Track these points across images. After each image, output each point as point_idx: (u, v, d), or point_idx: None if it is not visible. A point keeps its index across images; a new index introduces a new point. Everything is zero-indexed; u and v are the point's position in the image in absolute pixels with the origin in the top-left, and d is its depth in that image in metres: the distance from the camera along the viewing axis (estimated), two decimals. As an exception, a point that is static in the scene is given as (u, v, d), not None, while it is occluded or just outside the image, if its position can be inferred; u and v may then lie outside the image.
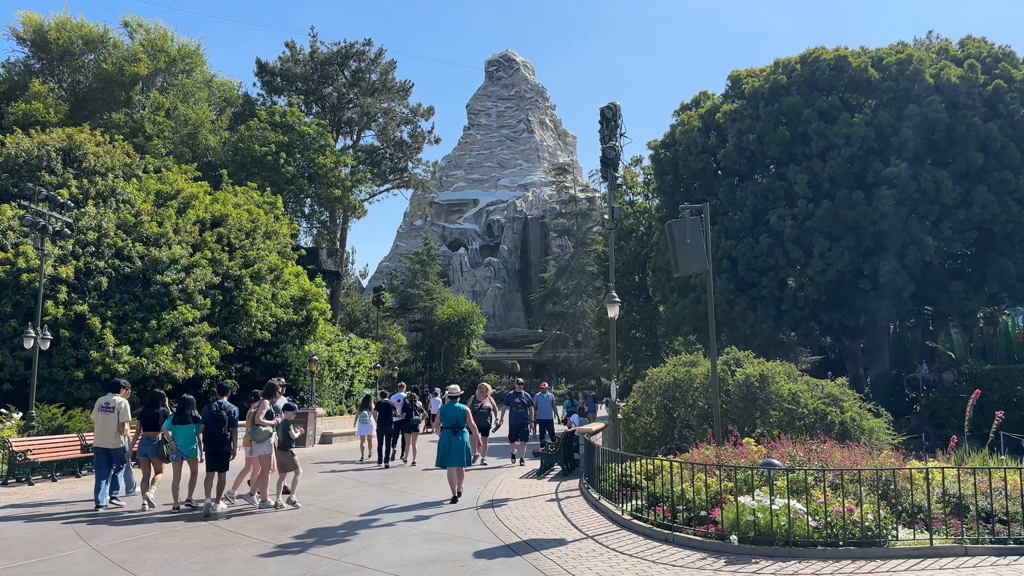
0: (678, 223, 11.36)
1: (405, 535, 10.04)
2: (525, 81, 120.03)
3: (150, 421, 12.81)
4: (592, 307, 70.00)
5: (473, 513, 11.55)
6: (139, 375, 22.12)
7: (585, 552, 8.70)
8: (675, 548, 8.73)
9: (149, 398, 13.24)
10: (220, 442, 12.10)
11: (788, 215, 27.61)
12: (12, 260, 22.06)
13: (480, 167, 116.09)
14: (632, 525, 9.89)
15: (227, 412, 12.16)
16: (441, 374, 66.06)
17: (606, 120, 14.16)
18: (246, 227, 28.50)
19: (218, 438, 12.10)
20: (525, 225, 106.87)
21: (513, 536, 9.68)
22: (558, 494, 13.27)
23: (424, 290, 72.71)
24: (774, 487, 8.84)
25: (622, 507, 10.65)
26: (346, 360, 34.86)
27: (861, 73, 28.57)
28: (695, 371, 15.31)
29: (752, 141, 28.95)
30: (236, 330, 25.84)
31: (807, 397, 14.75)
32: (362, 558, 8.70)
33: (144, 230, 25.16)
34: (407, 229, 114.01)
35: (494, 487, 14.28)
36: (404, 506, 12.42)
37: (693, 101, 34.67)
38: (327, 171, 41.30)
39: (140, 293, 23.72)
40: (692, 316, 30.44)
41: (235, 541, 9.83)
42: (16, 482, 15.68)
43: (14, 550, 9.34)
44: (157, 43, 40.51)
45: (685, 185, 31.89)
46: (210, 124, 40.39)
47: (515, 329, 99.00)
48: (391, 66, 48.98)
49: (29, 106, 34.32)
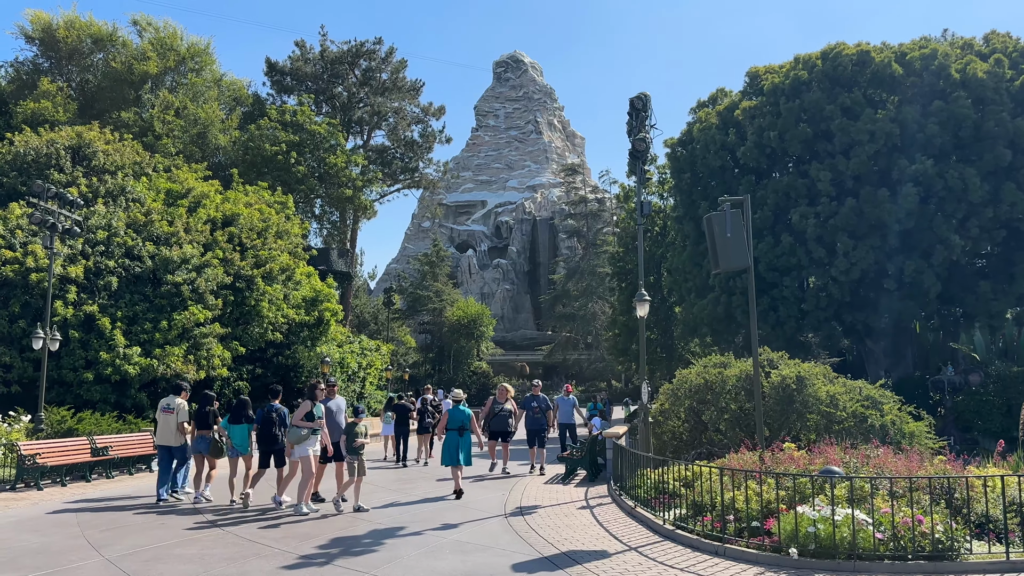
0: (718, 216, 10.79)
1: (434, 545, 9.49)
2: (533, 82, 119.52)
3: (201, 420, 13.46)
4: (603, 309, 69.42)
5: (503, 522, 10.99)
6: (149, 377, 21.65)
7: (631, 566, 8.13)
8: (728, 561, 8.15)
9: (201, 399, 13.84)
10: (271, 442, 12.60)
11: (811, 213, 26.98)
12: (21, 259, 21.63)
13: (488, 168, 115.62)
14: (676, 536, 9.32)
15: (277, 413, 12.70)
16: (451, 376, 65.54)
17: (635, 111, 13.58)
18: (257, 227, 28.04)
19: (270, 438, 12.60)
20: (534, 226, 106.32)
21: (551, 547, 9.12)
22: (589, 501, 12.70)
23: (433, 292, 72.23)
24: (830, 496, 8.24)
25: (663, 516, 10.08)
26: (358, 362, 34.38)
27: (884, 68, 27.92)
28: (727, 372, 14.72)
29: (773, 138, 28.33)
30: (248, 331, 25.37)
31: (845, 399, 14.15)
32: (394, 572, 8.15)
33: (154, 229, 24.70)
34: (415, 231, 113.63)
35: (519, 494, 13.72)
36: (426, 507, 11.88)
37: (710, 98, 34.09)
38: (338, 171, 40.85)
39: (151, 293, 23.24)
40: (711, 317, 29.82)
41: (255, 551, 9.29)
42: (25, 487, 15.18)
43: (19, 561, 8.82)
44: (166, 41, 40.12)
45: (703, 183, 31.28)
46: (220, 123, 39.98)
47: (524, 331, 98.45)
48: (402, 65, 48.51)
49: (38, 105, 33.94)
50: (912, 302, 26.59)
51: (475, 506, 12.43)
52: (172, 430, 13.44)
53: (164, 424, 13.53)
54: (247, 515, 11.80)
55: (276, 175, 37.40)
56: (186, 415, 13.67)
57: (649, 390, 14.02)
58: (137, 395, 22.00)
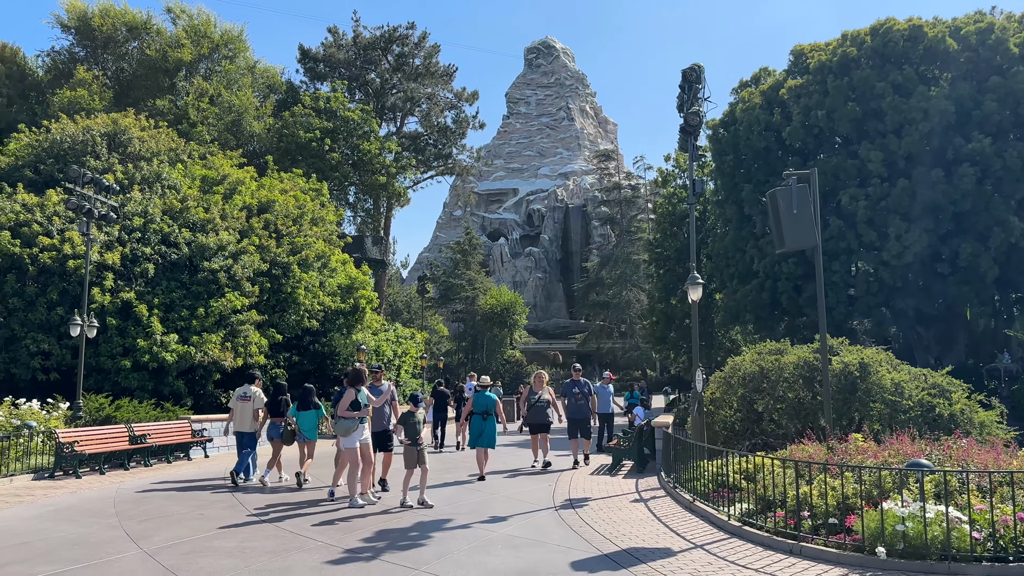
0: (783, 191, 10.11)
1: (484, 540, 8.99)
2: (565, 68, 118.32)
3: (274, 408, 14.17)
4: (637, 297, 68.51)
5: (554, 515, 10.46)
6: (187, 364, 21.46)
7: (701, 566, 7.55)
8: (806, 561, 7.53)
9: (274, 388, 14.53)
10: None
11: (861, 195, 26.03)
12: (58, 246, 21.52)
13: (520, 156, 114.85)
14: (743, 533, 8.71)
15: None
16: (484, 364, 65.21)
17: (688, 83, 12.86)
18: (293, 213, 27.77)
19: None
20: (566, 214, 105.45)
21: (609, 544, 8.56)
22: (641, 494, 12.11)
23: (466, 280, 71.87)
24: (918, 491, 7.58)
25: (726, 511, 9.47)
26: (393, 350, 34.07)
27: (938, 44, 26.81)
28: (784, 360, 14.01)
29: (820, 117, 27.38)
30: (284, 318, 25.11)
31: (911, 387, 13.38)
32: (444, 568, 7.66)
33: (190, 216, 24.49)
34: (447, 220, 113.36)
35: (566, 485, 13.18)
36: (470, 496, 11.39)
37: (753, 78, 33.12)
38: (371, 157, 40.50)
39: (187, 280, 23.04)
40: (755, 304, 29.00)
41: (298, 544, 8.86)
42: (63, 474, 14.98)
43: (57, 553, 8.49)
44: (200, 29, 39.99)
45: (746, 165, 30.41)
46: (254, 111, 39.83)
47: (556, 319, 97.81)
48: (435, 50, 47.97)
49: (74, 93, 33.97)
50: (967, 287, 25.56)
51: (522, 498, 11.92)
52: (249, 417, 13.97)
53: (241, 411, 14.05)
54: (289, 505, 11.41)
55: (310, 162, 37.15)
56: (262, 402, 14.21)
57: (704, 377, 13.37)
58: (175, 383, 21.83)
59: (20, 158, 26.30)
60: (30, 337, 20.76)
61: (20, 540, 9.19)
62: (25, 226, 22.11)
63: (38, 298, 21.23)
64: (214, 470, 16.14)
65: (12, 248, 21.20)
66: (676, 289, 37.86)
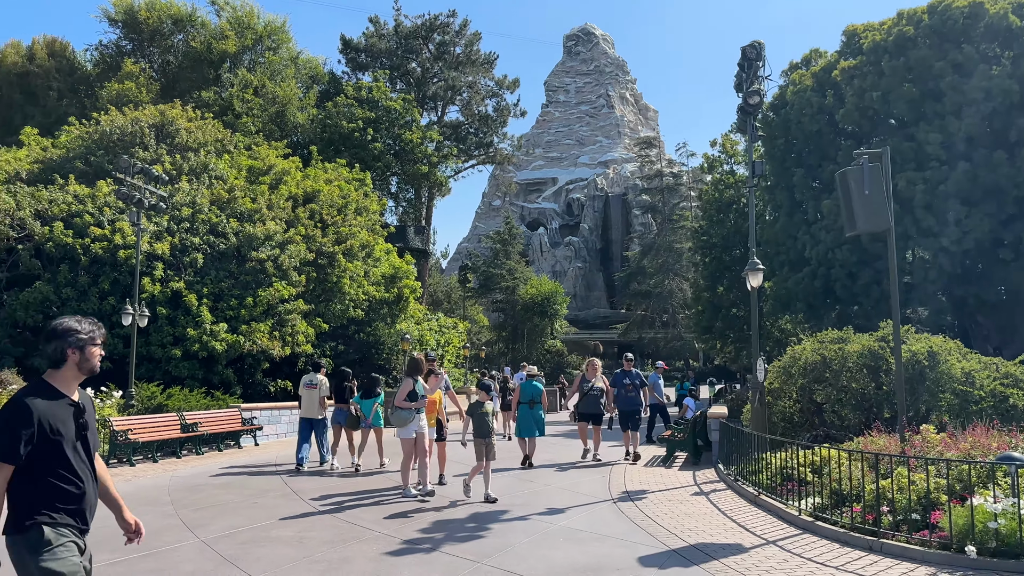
0: (854, 171, 9.64)
1: (544, 532, 8.75)
2: (605, 55, 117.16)
3: (339, 395, 14.67)
4: (680, 286, 67.66)
5: (613, 507, 10.18)
6: (236, 353, 21.57)
7: (776, 563, 7.21)
8: (889, 559, 7.15)
9: (338, 376, 14.98)
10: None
11: (918, 179, 25.13)
12: (109, 237, 21.76)
13: (559, 145, 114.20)
14: (816, 528, 8.34)
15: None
16: (524, 355, 64.98)
17: (748, 61, 12.37)
18: (337, 203, 27.77)
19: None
20: (606, 203, 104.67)
21: (675, 539, 8.26)
22: (701, 486, 11.77)
23: (506, 270, 71.60)
24: (1012, 486, 7.14)
25: (795, 505, 9.10)
26: (436, 339, 34.01)
27: (1000, 20, 25.72)
28: (848, 348, 13.51)
29: (875, 99, 26.48)
30: (330, 308, 25.14)
31: (982, 377, 12.82)
32: (507, 561, 7.43)
33: (238, 206, 24.61)
34: (485, 209, 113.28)
35: (621, 477, 12.88)
36: (524, 487, 11.16)
37: (803, 60, 32.22)
38: (413, 147, 40.42)
39: (235, 270, 23.15)
40: (807, 292, 28.25)
41: (355, 534, 8.72)
42: (117, 462, 15.12)
43: (116, 540, 8.42)
44: (244, 20, 40.22)
45: (797, 150, 29.61)
46: (297, 101, 39.97)
47: (597, 309, 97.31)
48: (476, 37, 47.68)
49: (122, 86, 34.41)
50: (1032, 273, 24.56)
51: (577, 490, 11.65)
52: (315, 404, 14.42)
53: (308, 399, 14.50)
54: (344, 494, 11.30)
55: (353, 152, 37.18)
56: (327, 390, 14.65)
57: (766, 367, 12.93)
58: (224, 371, 21.97)
59: (71, 150, 26.70)
60: (83, 326, 21.01)
61: (79, 527, 9.19)
62: (77, 217, 22.41)
63: (90, 288, 21.50)
64: (265, 458, 16.18)
65: (65, 239, 21.50)
66: (722, 277, 37.15)
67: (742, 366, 43.97)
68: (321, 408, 14.50)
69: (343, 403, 14.55)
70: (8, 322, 21.15)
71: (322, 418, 14.61)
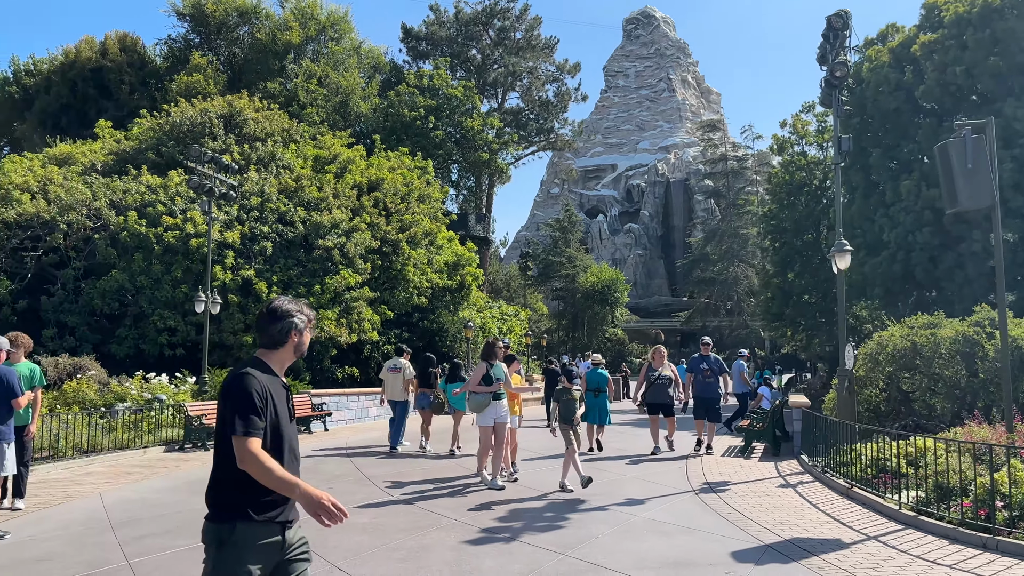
0: (955, 144, 9.03)
1: (626, 523, 8.43)
2: (665, 37, 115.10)
3: (424, 379, 14.79)
4: (745, 272, 66.18)
5: (694, 499, 9.80)
6: (304, 340, 21.72)
7: (882, 559, 6.76)
8: (1007, 558, 6.63)
9: (423, 361, 15.00)
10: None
11: (1005, 157, 23.80)
12: (181, 226, 22.14)
13: (618, 131, 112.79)
14: (920, 523, 7.83)
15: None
16: (585, 343, 64.56)
17: (833, 31, 11.71)
18: (400, 191, 27.79)
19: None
20: (667, 188, 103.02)
21: (768, 533, 7.85)
22: (786, 478, 11.28)
23: (566, 258, 71.09)
24: None
25: (894, 499, 8.59)
26: (498, 327, 33.89)
27: (1098, -13, 24.16)
28: (941, 334, 12.80)
29: (959, 74, 25.17)
30: (394, 295, 25.20)
31: (1090, 365, 11.98)
32: (591, 554, 7.14)
33: (304, 195, 24.80)
34: (544, 197, 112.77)
35: (699, 468, 12.45)
36: (597, 476, 10.85)
37: (879, 35, 30.88)
38: (474, 134, 40.29)
39: (303, 258, 23.36)
40: (884, 276, 27.15)
41: (431, 522, 8.55)
42: (192, 447, 15.34)
43: (193, 526, 8.40)
44: (307, 11, 40.61)
45: (873, 129, 28.40)
46: (360, 91, 40.20)
47: (658, 297, 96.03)
48: (536, 22, 47.22)
49: (190, 78, 35.08)
50: None
51: (655, 480, 11.29)
52: (400, 387, 14.77)
53: (392, 382, 14.93)
54: (418, 480, 11.17)
55: (415, 140, 37.23)
56: (411, 374, 14.88)
57: (855, 353, 12.33)
58: (293, 358, 22.18)
59: (143, 141, 27.30)
60: (157, 314, 21.48)
61: (158, 512, 9.25)
62: (150, 206, 22.88)
63: (163, 276, 21.93)
64: (336, 443, 16.23)
65: (139, 228, 21.96)
66: (793, 263, 36.02)
67: (814, 354, 42.74)
68: (404, 391, 14.73)
69: (428, 388, 14.79)
70: (86, 310, 21.73)
71: (404, 400, 14.82)
